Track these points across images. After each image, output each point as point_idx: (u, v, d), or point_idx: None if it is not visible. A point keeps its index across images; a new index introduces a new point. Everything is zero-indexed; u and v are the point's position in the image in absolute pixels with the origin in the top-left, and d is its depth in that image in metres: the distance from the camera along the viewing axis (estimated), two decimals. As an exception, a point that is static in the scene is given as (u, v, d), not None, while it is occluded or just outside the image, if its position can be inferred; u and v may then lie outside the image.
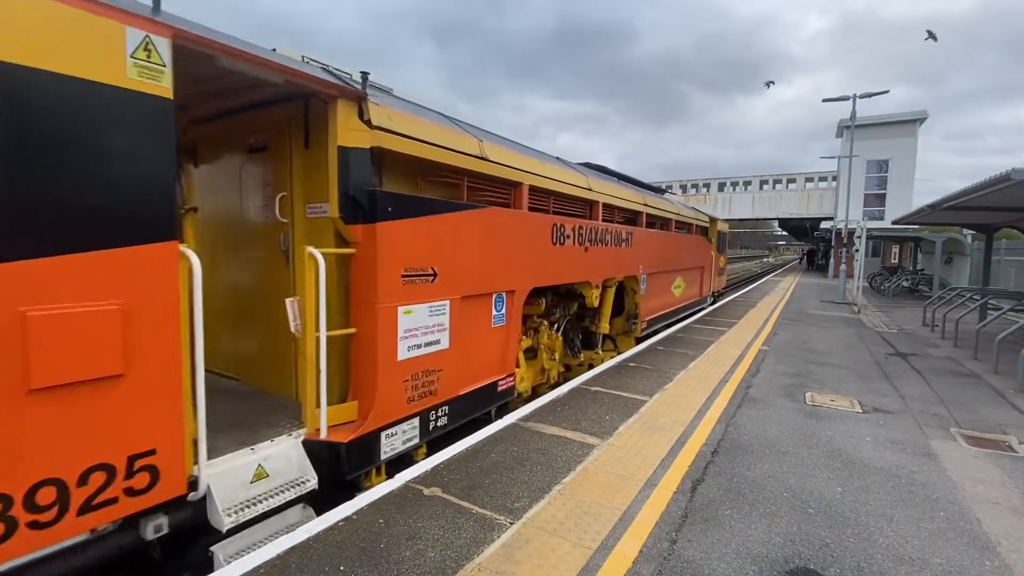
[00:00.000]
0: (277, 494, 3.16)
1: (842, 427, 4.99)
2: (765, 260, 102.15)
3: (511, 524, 3.10)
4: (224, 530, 2.88)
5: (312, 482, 3.37)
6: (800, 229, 53.58)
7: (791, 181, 40.71)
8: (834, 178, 36.76)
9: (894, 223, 17.19)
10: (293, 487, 3.26)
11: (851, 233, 20.09)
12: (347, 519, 3.12)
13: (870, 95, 19.78)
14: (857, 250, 17.75)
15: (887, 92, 19.76)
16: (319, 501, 3.50)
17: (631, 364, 7.34)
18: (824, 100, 20.44)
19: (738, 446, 4.43)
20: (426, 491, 3.48)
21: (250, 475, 3.11)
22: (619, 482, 3.68)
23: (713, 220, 15.38)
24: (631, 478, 3.75)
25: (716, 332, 10.39)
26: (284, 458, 3.31)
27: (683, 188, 45.89)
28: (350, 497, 3.37)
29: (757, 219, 45.93)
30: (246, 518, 2.96)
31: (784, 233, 76.65)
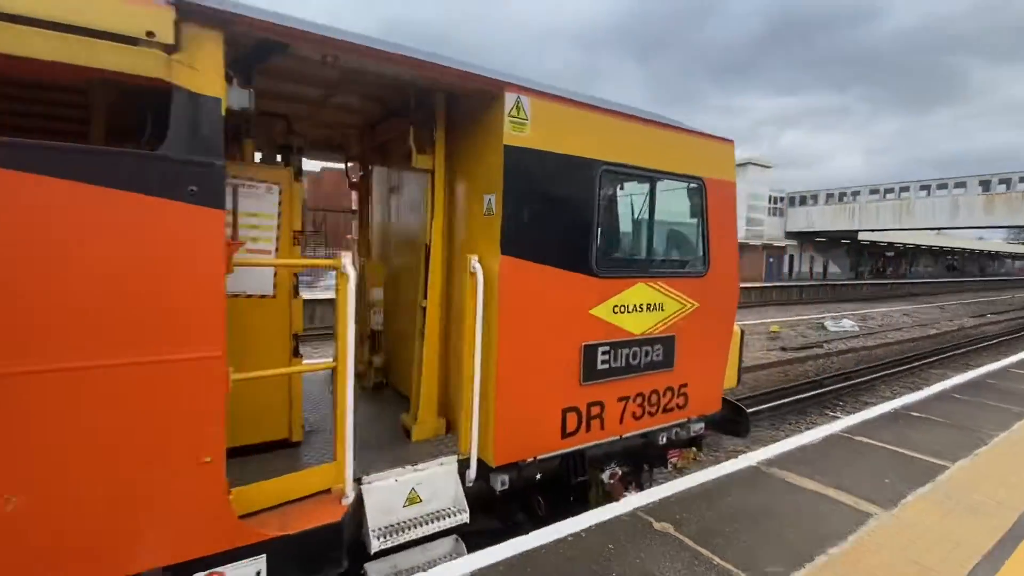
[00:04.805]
0: None
1: None
2: None
3: (763, 590, 2.63)
4: None
5: None
6: None
7: None
8: None
9: None
10: None
11: None
12: (575, 535, 3.08)
13: None
14: None
15: None
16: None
17: (913, 413, 5.73)
18: None
19: None
20: (656, 524, 3.22)
21: None
22: (916, 572, 2.81)
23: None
24: (935, 571, 2.83)
25: (1054, 382, 7.42)
26: None
27: (983, 185, 34.93)
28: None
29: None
30: None
31: None
